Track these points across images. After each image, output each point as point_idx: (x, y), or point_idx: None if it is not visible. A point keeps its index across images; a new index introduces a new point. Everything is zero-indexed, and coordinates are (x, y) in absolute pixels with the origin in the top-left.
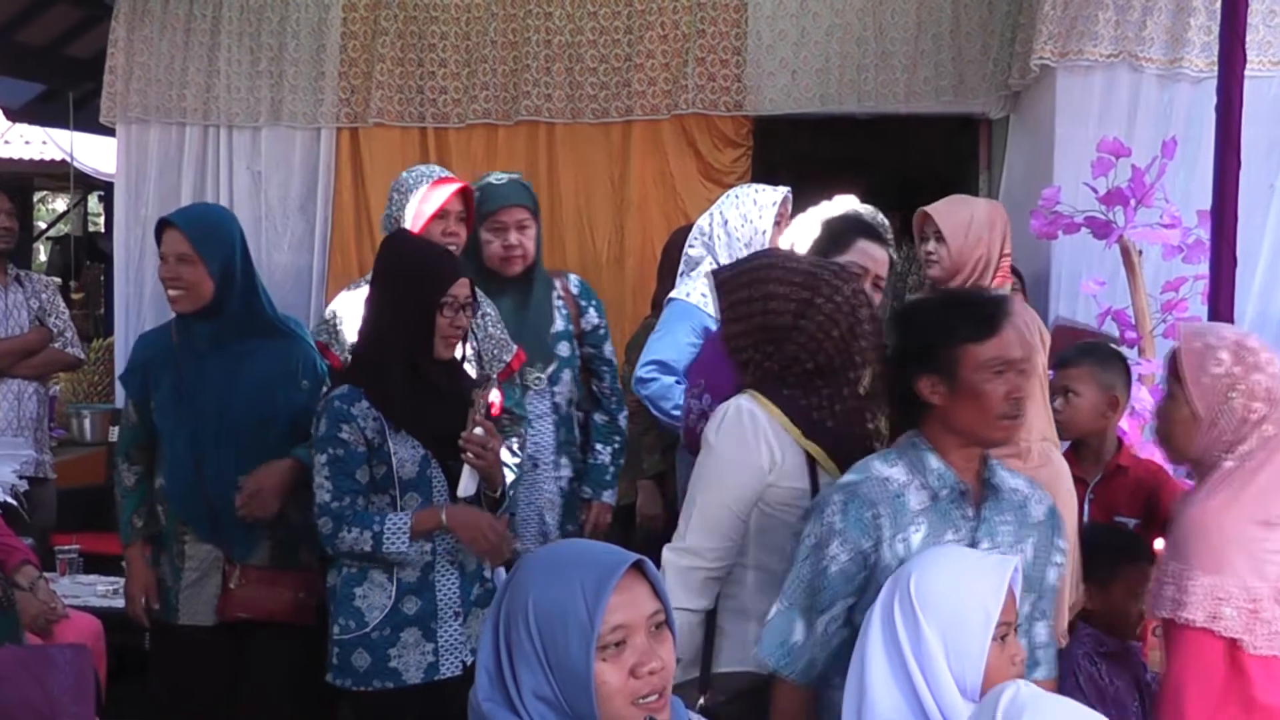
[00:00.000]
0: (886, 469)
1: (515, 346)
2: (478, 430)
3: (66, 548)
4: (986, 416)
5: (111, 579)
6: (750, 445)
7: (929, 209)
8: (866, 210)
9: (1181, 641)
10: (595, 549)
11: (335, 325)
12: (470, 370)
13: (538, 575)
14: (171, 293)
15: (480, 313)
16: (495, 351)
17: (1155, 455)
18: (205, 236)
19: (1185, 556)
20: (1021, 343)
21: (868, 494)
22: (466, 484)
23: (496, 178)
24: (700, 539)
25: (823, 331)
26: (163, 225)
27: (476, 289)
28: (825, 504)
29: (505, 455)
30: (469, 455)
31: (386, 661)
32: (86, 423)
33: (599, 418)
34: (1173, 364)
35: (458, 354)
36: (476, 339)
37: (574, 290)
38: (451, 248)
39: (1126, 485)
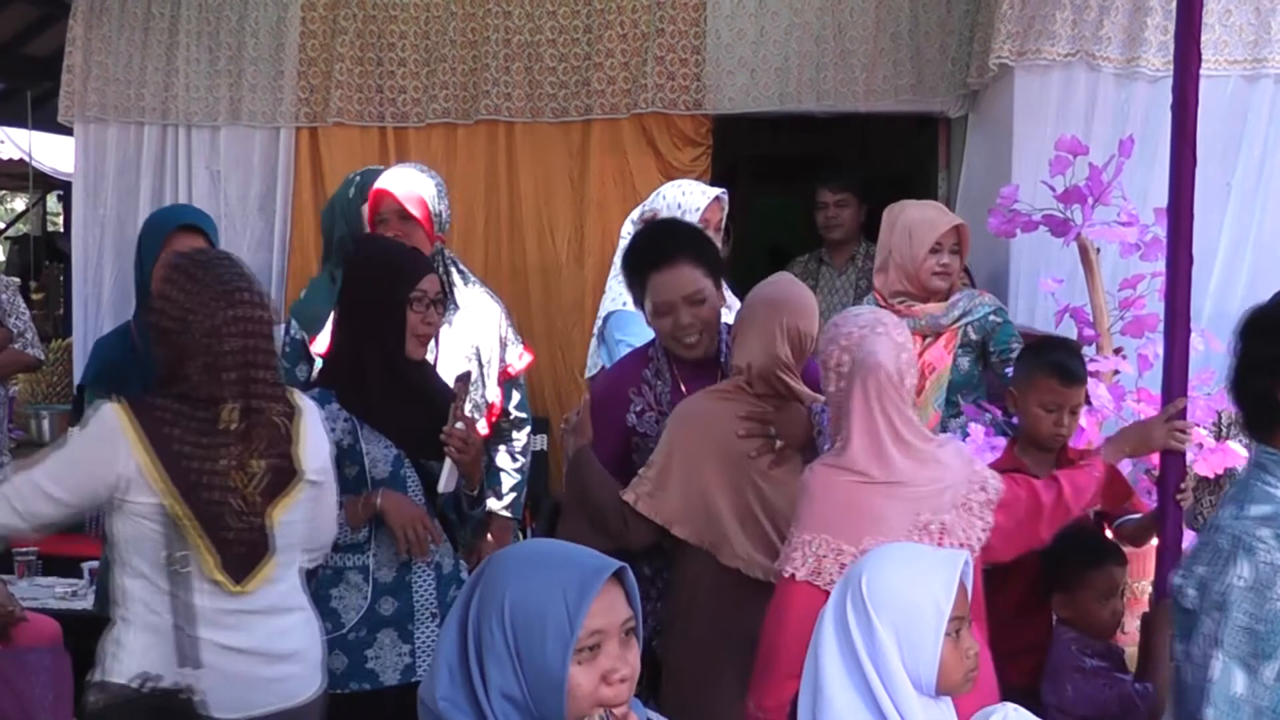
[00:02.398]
0: None
1: (522, 348)
2: (459, 425)
3: (24, 550)
4: None
5: (70, 581)
6: (103, 459)
7: (961, 222)
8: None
9: (785, 593)
10: (577, 552)
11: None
12: (473, 368)
13: (515, 574)
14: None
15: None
16: (501, 353)
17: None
18: (215, 237)
19: (797, 518)
20: None
21: None
22: (447, 480)
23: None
24: (35, 503)
25: (200, 348)
26: (172, 228)
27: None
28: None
29: (505, 460)
30: (451, 450)
31: (364, 663)
32: (45, 424)
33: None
34: None
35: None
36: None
37: None
38: None
39: None
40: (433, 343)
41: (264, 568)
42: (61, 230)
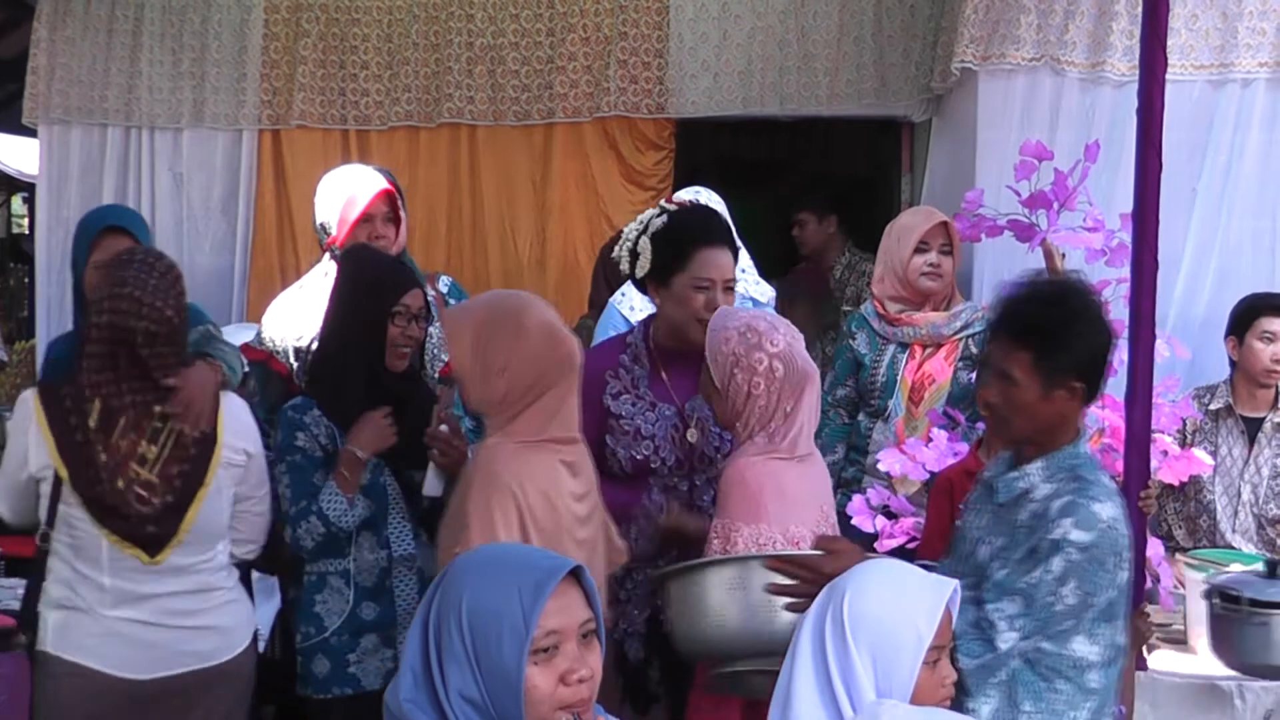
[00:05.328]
0: None
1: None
2: (443, 427)
3: None
4: None
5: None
6: (20, 437)
7: (949, 220)
8: (700, 199)
9: None
10: (532, 553)
11: (270, 340)
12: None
13: (472, 576)
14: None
15: None
16: (434, 351)
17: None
18: (149, 237)
19: (727, 511)
20: None
21: None
22: (432, 483)
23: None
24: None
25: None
26: (97, 230)
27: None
28: None
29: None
30: (434, 453)
31: (345, 667)
32: (8, 425)
33: (468, 421)
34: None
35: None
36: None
37: (443, 290)
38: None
39: None
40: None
41: (173, 544)
42: (26, 232)
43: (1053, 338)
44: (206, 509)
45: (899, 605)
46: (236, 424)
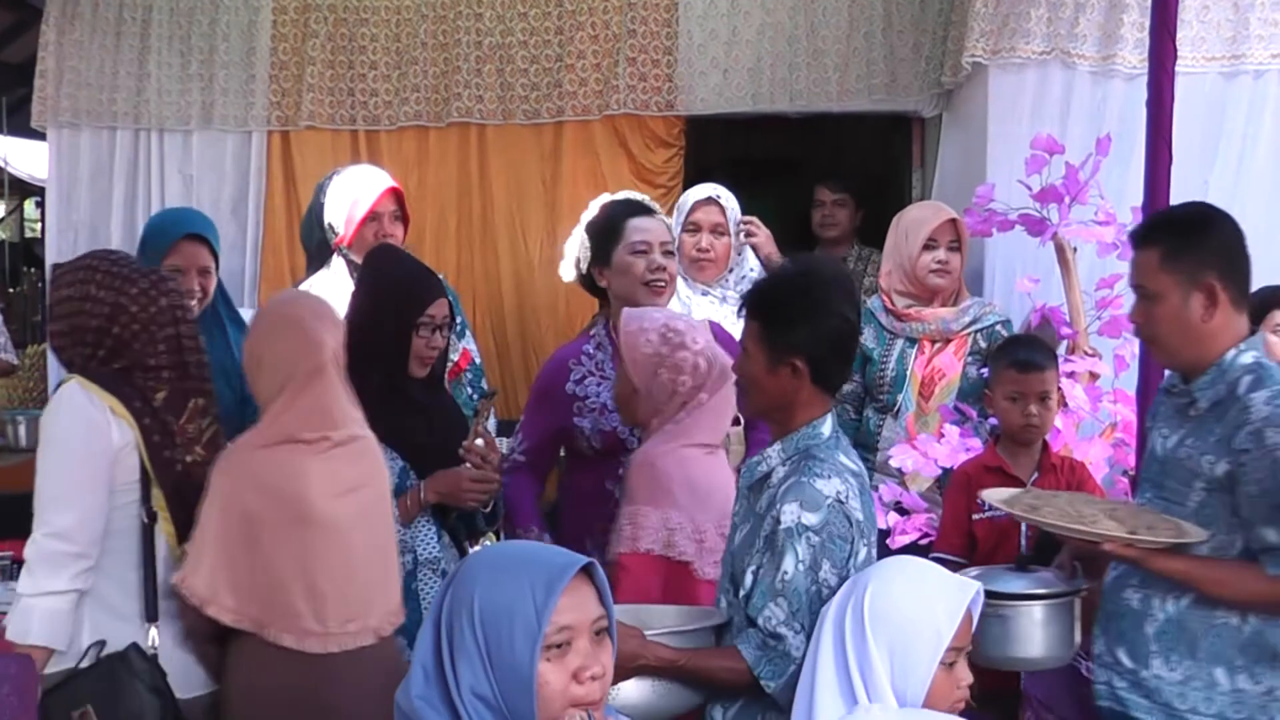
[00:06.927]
0: None
1: (463, 346)
2: (479, 441)
3: (0, 554)
4: None
5: None
6: (97, 422)
7: (958, 216)
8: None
9: (635, 568)
10: (545, 550)
11: None
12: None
13: (484, 573)
14: (190, 304)
15: None
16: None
17: (1087, 453)
18: (217, 245)
19: (636, 497)
20: None
21: None
22: None
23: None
24: (68, 521)
25: (133, 336)
26: (178, 236)
27: None
28: None
29: None
30: (468, 465)
31: None
32: (21, 429)
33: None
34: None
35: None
36: None
37: None
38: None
39: (1057, 484)
40: None
41: None
42: (39, 236)
43: (779, 313)
44: None
45: (920, 603)
46: None
